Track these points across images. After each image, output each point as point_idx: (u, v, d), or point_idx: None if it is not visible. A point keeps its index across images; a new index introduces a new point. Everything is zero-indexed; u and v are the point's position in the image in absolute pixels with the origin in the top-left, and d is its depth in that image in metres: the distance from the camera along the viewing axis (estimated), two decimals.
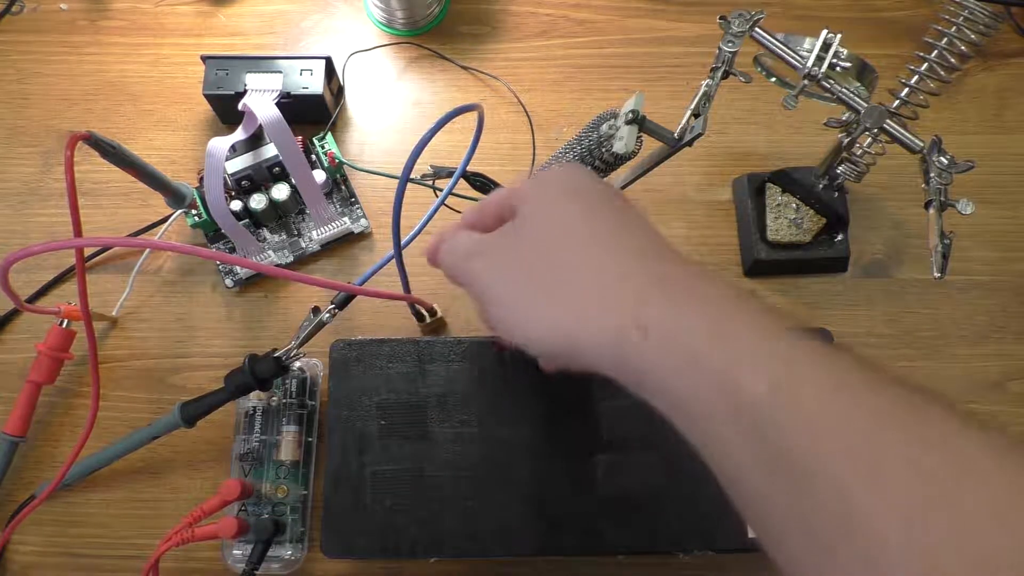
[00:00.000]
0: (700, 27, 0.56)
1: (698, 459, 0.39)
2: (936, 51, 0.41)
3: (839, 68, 0.38)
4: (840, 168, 0.46)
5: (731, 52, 0.39)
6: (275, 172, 0.50)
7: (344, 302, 0.42)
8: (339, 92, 0.54)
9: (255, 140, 0.49)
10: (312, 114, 0.52)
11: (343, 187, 0.52)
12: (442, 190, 0.45)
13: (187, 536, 0.40)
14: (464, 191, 0.46)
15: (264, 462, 0.45)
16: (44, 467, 0.47)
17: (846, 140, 0.42)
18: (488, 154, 0.53)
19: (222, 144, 0.48)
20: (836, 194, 0.48)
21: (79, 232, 0.38)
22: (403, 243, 0.42)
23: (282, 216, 0.51)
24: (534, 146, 0.53)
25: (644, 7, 0.57)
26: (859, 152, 0.45)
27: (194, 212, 0.49)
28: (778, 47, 0.39)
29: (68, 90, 0.55)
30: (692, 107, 0.38)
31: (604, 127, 0.38)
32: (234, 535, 0.41)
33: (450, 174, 0.41)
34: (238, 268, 0.50)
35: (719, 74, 0.39)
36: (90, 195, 0.52)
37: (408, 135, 0.54)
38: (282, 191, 0.49)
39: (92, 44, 0.56)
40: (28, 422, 0.46)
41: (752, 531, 0.24)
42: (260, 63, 0.50)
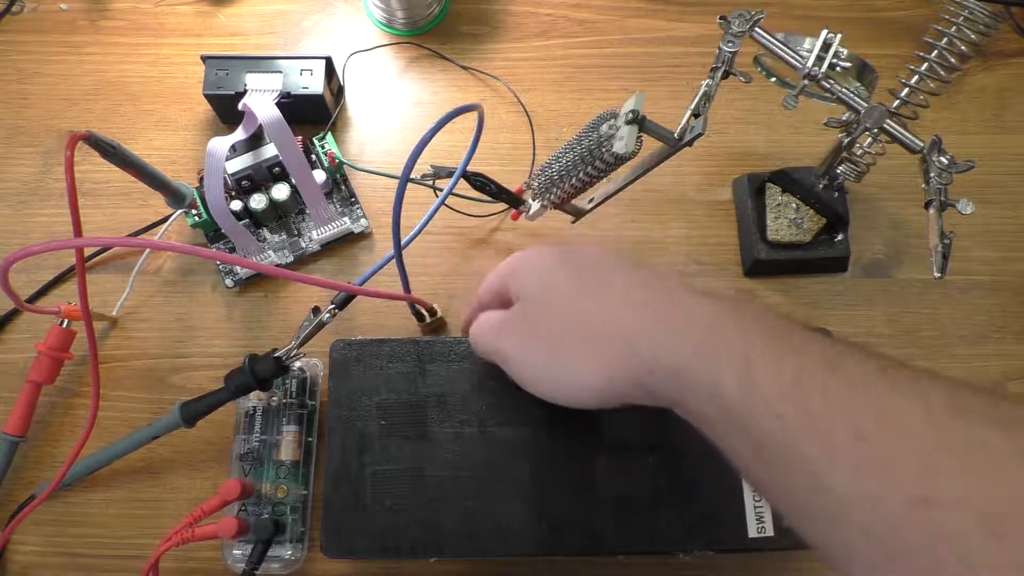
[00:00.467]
0: (700, 27, 0.56)
1: (697, 459, 0.39)
2: (936, 51, 0.41)
3: (839, 68, 0.38)
4: (840, 168, 0.46)
5: (731, 52, 0.39)
6: (275, 172, 0.50)
7: (344, 302, 0.42)
8: (339, 92, 0.54)
9: (255, 140, 0.49)
10: (312, 114, 0.52)
11: (343, 187, 0.52)
12: (442, 190, 0.45)
13: (187, 536, 0.40)
14: (464, 191, 0.46)
15: (264, 462, 0.45)
16: (44, 467, 0.47)
17: (846, 140, 0.42)
18: (488, 154, 0.53)
19: (222, 144, 0.48)
20: (836, 194, 0.48)
21: (79, 232, 0.38)
22: (403, 243, 0.42)
23: (282, 216, 0.51)
24: (534, 146, 0.53)
25: (644, 7, 0.57)
26: (859, 152, 0.45)
27: (194, 212, 0.49)
28: (778, 47, 0.39)
29: (68, 90, 0.55)
30: (692, 107, 0.38)
31: (604, 127, 0.38)
32: (234, 535, 0.41)
33: (450, 174, 0.41)
34: (238, 268, 0.50)
35: (719, 74, 0.39)
36: (90, 195, 0.52)
37: (408, 135, 0.54)
38: (282, 191, 0.49)
39: (92, 44, 0.56)
40: (28, 422, 0.46)
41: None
42: (260, 63, 0.50)
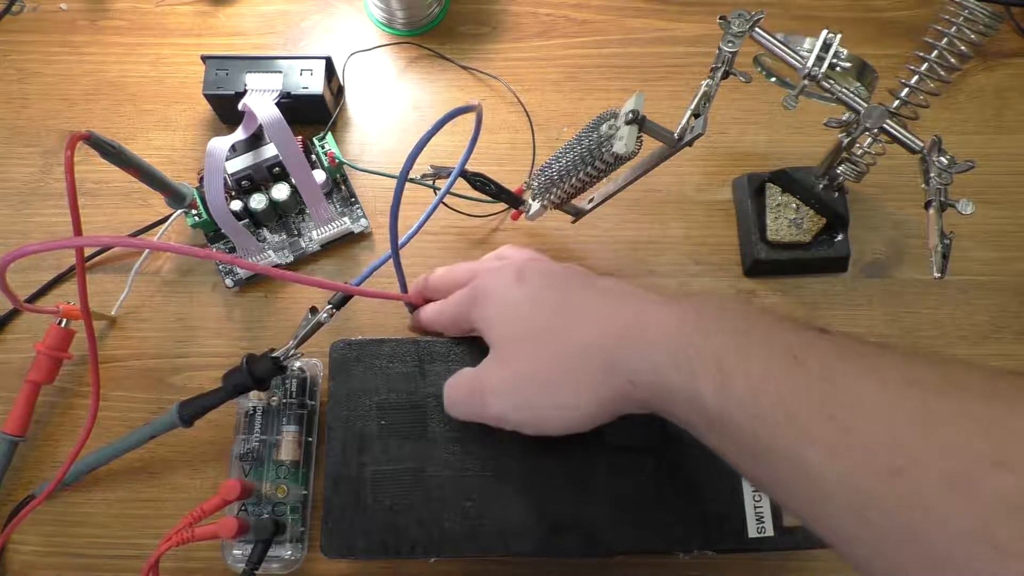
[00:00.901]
0: (700, 27, 0.56)
1: (697, 459, 0.39)
2: (936, 51, 0.41)
3: (839, 68, 0.38)
4: (840, 168, 0.46)
5: (731, 52, 0.39)
6: (275, 172, 0.50)
7: (342, 302, 0.42)
8: (339, 92, 0.54)
9: (255, 140, 0.49)
10: (312, 114, 0.52)
11: (343, 187, 0.52)
12: (441, 190, 0.45)
13: (187, 536, 0.40)
14: (465, 191, 0.46)
15: (264, 462, 0.45)
16: (44, 467, 0.47)
17: (846, 140, 0.42)
18: (488, 154, 0.53)
19: (222, 144, 0.48)
20: (836, 194, 0.48)
21: (79, 232, 0.38)
22: (401, 243, 0.42)
23: (282, 216, 0.51)
24: (534, 146, 0.53)
25: (644, 7, 0.57)
26: (859, 152, 0.44)
27: (194, 212, 0.49)
28: (778, 47, 0.39)
29: (68, 90, 0.55)
30: (692, 107, 0.38)
31: (604, 127, 0.38)
32: (234, 535, 0.41)
33: (450, 174, 0.41)
34: (238, 268, 0.50)
35: (719, 74, 0.39)
36: (90, 195, 0.52)
37: (408, 135, 0.54)
38: (282, 191, 0.49)
39: (92, 44, 0.56)
40: (28, 422, 0.46)
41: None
42: (260, 63, 0.50)
